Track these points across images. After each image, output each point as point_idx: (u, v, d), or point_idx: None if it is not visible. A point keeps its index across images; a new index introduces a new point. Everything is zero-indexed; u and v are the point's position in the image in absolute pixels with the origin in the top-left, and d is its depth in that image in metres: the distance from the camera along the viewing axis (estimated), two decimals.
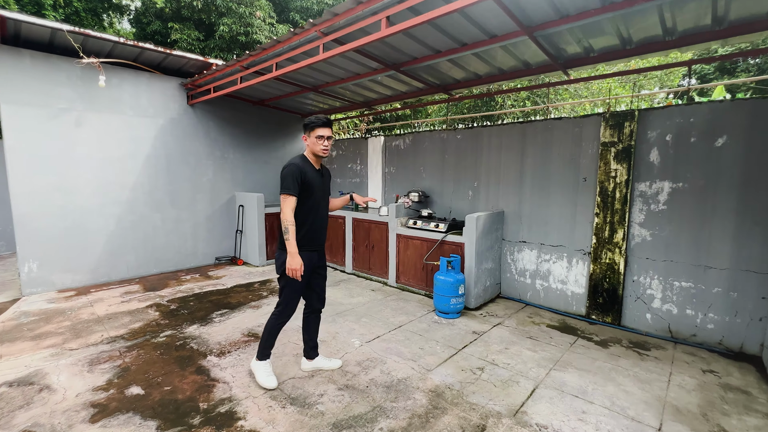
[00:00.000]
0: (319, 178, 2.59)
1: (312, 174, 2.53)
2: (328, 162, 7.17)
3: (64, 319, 3.78)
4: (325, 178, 2.69)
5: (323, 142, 2.51)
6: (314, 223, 2.59)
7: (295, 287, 2.58)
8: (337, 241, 5.93)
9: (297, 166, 2.48)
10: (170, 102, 5.59)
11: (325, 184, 2.68)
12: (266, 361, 2.71)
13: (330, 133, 2.55)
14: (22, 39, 4.39)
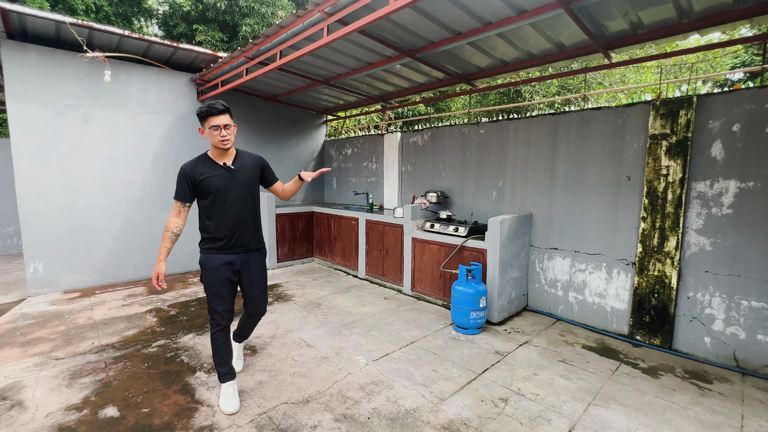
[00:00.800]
0: (224, 174, 2.27)
1: (211, 172, 2.26)
2: (344, 160, 6.85)
3: (59, 324, 3.61)
4: (238, 171, 2.32)
5: (220, 132, 2.21)
6: (222, 224, 2.29)
7: (212, 293, 2.31)
8: (349, 244, 5.58)
9: (186, 169, 2.27)
10: (180, 98, 5.41)
11: (237, 179, 2.30)
12: (227, 382, 2.41)
13: (227, 121, 2.22)
14: (29, 34, 4.30)
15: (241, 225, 2.34)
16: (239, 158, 2.38)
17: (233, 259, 2.33)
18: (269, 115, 6.44)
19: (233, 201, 2.30)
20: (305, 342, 3.30)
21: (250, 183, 2.38)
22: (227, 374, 2.41)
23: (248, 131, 6.19)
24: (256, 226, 2.45)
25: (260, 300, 2.53)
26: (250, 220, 2.39)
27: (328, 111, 7.02)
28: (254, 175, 2.41)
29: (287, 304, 4.27)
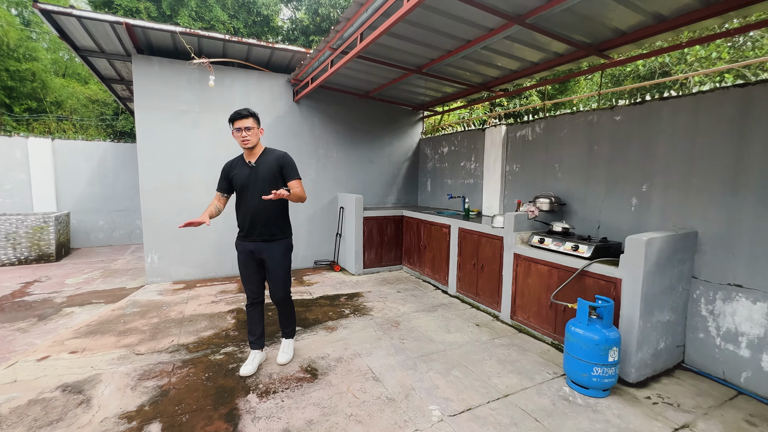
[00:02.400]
0: (247, 172, 2.65)
1: (239, 169, 2.67)
2: (439, 159, 6.20)
3: (155, 316, 3.82)
4: (259, 169, 2.64)
5: (241, 134, 2.58)
6: (243, 216, 2.69)
7: (241, 273, 2.80)
8: (440, 255, 4.92)
9: (226, 165, 2.76)
10: (277, 100, 5.49)
11: (257, 176, 2.63)
12: (253, 350, 2.86)
13: (249, 123, 2.58)
14: (154, 47, 4.76)
15: (259, 217, 2.65)
16: (262, 156, 2.70)
17: (253, 248, 2.71)
18: (363, 113, 6.18)
19: (252, 195, 2.63)
20: (372, 373, 2.79)
21: (269, 179, 2.63)
22: (253, 343, 2.85)
23: (342, 131, 6.02)
24: (275, 219, 2.70)
25: (276, 288, 2.79)
26: (269, 214, 2.66)
27: (424, 106, 6.46)
28: (272, 172, 2.65)
29: (363, 319, 3.84)
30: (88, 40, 4.53)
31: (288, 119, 5.59)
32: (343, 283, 5.10)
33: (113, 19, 3.92)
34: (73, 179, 7.35)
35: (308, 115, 5.73)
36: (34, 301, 4.32)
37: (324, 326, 3.64)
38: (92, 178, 7.52)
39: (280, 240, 2.74)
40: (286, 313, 2.93)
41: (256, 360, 2.81)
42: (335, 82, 5.30)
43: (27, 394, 2.44)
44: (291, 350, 3.01)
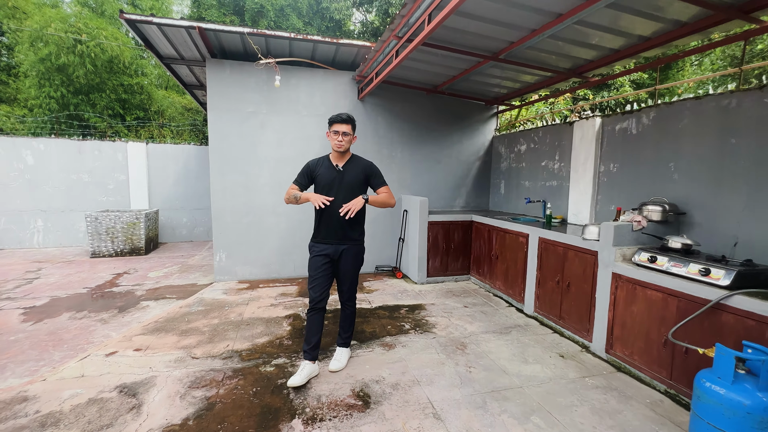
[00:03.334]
0: (333, 175, 2.68)
1: (324, 170, 2.70)
2: (516, 159, 5.54)
3: (216, 317, 3.84)
4: (345, 174, 2.69)
5: (338, 137, 2.62)
6: (323, 218, 2.70)
7: (310, 275, 2.75)
8: (514, 267, 4.31)
9: (311, 162, 2.78)
10: (341, 98, 5.33)
11: (342, 181, 2.67)
12: (305, 360, 2.70)
13: (345, 129, 2.62)
14: (226, 51, 4.88)
15: (339, 222, 2.65)
16: (350, 162, 2.74)
17: (328, 251, 2.71)
18: (430, 110, 5.76)
19: (334, 199, 2.62)
20: (433, 407, 2.38)
21: (353, 186, 2.68)
22: (307, 352, 2.71)
23: (407, 130, 5.67)
24: (353, 224, 2.71)
25: (346, 288, 2.83)
26: (347, 219, 2.61)
27: (499, 100, 5.84)
28: (358, 180, 2.70)
29: (425, 337, 3.44)
30: (168, 47, 4.78)
31: None
32: (404, 293, 4.74)
33: (187, 24, 4.03)
34: (162, 179, 8.05)
35: (372, 113, 5.48)
36: (120, 292, 4.66)
37: (381, 342, 3.31)
38: (178, 179, 8.17)
39: (355, 243, 2.77)
40: (348, 316, 2.92)
41: (305, 371, 2.63)
42: (401, 76, 4.97)
43: (89, 392, 2.47)
44: (344, 359, 2.89)
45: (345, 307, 2.91)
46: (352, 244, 2.76)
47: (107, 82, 12.37)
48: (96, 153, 7.53)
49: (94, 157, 7.52)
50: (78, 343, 3.21)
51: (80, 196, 7.50)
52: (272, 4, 15.86)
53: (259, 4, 15.74)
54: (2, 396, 2.41)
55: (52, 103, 11.54)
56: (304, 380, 2.58)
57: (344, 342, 2.95)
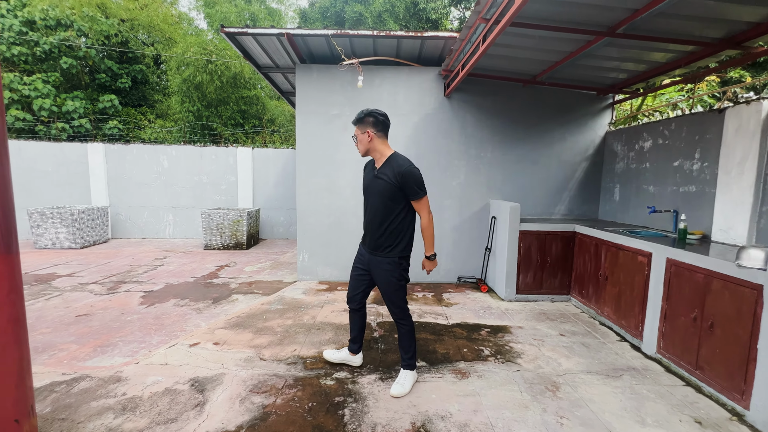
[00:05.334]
0: (370, 178, 2.53)
1: (367, 172, 2.59)
2: (636, 158, 4.53)
3: (291, 317, 3.88)
4: (380, 179, 2.43)
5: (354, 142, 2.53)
6: (364, 220, 2.62)
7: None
8: (630, 291, 3.46)
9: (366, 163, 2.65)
10: (425, 96, 5.02)
11: (376, 186, 2.44)
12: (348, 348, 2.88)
13: (354, 132, 2.51)
14: (314, 56, 4.99)
15: (369, 227, 2.55)
16: (385, 165, 2.44)
17: (363, 258, 2.64)
18: (526, 104, 5.08)
19: (367, 203, 2.56)
20: None
21: (382, 191, 2.42)
22: (350, 341, 2.86)
23: (498, 127, 5.09)
24: (382, 233, 2.47)
25: (388, 305, 2.61)
26: (376, 226, 2.48)
27: (615, 87, 4.85)
28: (388, 185, 2.39)
29: (506, 368, 2.92)
30: (264, 57, 5.09)
31: (437, 116, 5.05)
32: (488, 310, 4.22)
33: (277, 32, 4.19)
34: (264, 181, 8.79)
35: (459, 110, 5.05)
36: (218, 283, 5.11)
37: (454, 368, 2.91)
38: (277, 180, 8.83)
39: (385, 255, 2.49)
40: (404, 335, 2.63)
41: (340, 354, 2.90)
42: (491, 66, 4.45)
43: (167, 381, 2.63)
44: (407, 384, 2.58)
45: (398, 325, 2.64)
46: (383, 257, 2.48)
47: (231, 96, 14.17)
48: (213, 157, 8.58)
49: (211, 161, 8.58)
50: (173, 330, 3.53)
51: (200, 195, 8.63)
52: (370, 11, 16.32)
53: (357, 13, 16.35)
54: (103, 373, 2.71)
55: (190, 116, 13.67)
56: (335, 360, 2.89)
57: (407, 364, 2.64)
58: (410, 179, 2.34)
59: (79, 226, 7.12)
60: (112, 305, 4.17)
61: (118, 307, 4.10)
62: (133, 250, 7.19)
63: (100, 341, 3.28)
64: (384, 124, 2.44)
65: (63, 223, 6.98)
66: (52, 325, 3.61)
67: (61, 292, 4.57)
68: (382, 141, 2.45)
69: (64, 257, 6.45)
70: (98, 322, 3.68)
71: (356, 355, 2.89)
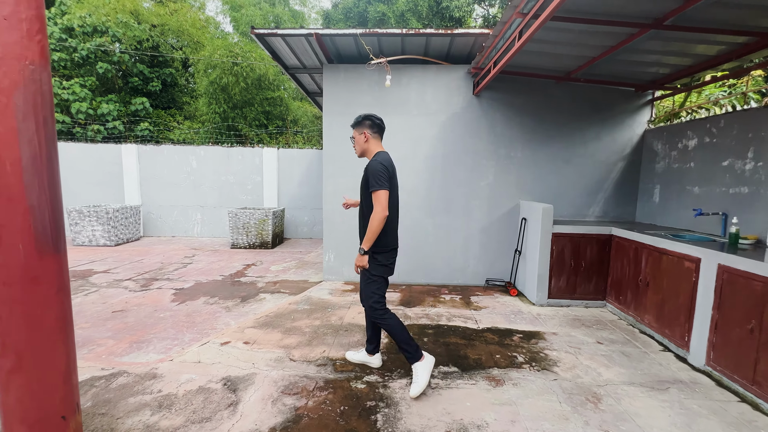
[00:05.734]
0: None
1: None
2: (679, 158, 4.29)
3: (318, 318, 3.87)
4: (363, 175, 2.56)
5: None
6: None
7: None
8: (674, 299, 3.27)
9: None
10: (454, 95, 4.93)
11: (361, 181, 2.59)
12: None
13: (353, 133, 2.66)
14: (342, 55, 4.98)
15: (359, 221, 2.67)
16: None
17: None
18: (559, 101, 4.91)
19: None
20: None
21: (362, 185, 2.58)
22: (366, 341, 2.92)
23: (529, 125, 4.94)
24: (363, 227, 2.58)
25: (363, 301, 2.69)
26: (360, 219, 2.63)
27: (656, 83, 4.62)
28: (364, 179, 2.53)
29: (543, 376, 2.81)
30: (292, 57, 5.11)
31: (466, 116, 4.94)
32: (518, 314, 4.08)
33: (306, 32, 4.19)
34: (289, 181, 8.88)
35: (489, 109, 4.93)
36: (245, 282, 5.17)
37: (487, 375, 2.82)
38: (302, 180, 8.90)
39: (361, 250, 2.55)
40: (391, 335, 2.60)
41: (359, 356, 2.93)
42: (524, 63, 4.31)
43: (200, 379, 2.66)
44: (420, 378, 2.52)
45: (380, 326, 2.67)
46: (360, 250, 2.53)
47: (255, 97, 14.42)
48: (239, 158, 8.73)
49: (237, 161, 8.73)
50: (204, 328, 3.58)
51: (227, 194, 8.80)
52: (393, 11, 16.28)
53: (381, 13, 16.34)
54: (140, 370, 2.76)
55: (216, 117, 14.00)
56: (355, 361, 2.92)
57: (412, 357, 2.58)
58: (370, 171, 2.44)
59: (113, 225, 7.39)
60: (145, 302, 4.28)
61: (151, 304, 4.21)
62: (163, 248, 7.40)
63: (135, 337, 3.36)
64: (380, 127, 2.62)
65: (99, 221, 7.26)
66: (91, 320, 3.73)
67: (98, 288, 4.73)
68: (376, 142, 2.61)
69: (100, 254, 6.70)
70: (133, 318, 3.78)
71: (374, 356, 2.87)
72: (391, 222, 2.56)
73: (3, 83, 1.29)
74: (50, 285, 1.44)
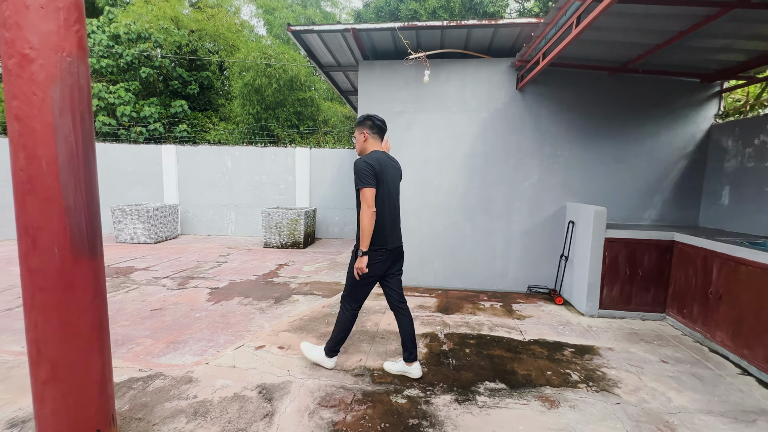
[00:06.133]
0: None
1: None
2: (754, 155, 3.83)
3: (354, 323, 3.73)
4: None
5: None
6: None
7: None
8: (756, 317, 2.87)
9: None
10: (495, 90, 4.65)
11: None
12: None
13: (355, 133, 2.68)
14: (377, 51, 4.83)
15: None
16: None
17: None
18: (612, 95, 4.52)
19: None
20: None
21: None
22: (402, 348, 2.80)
23: (577, 122, 4.59)
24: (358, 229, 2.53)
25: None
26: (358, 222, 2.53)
27: (726, 73, 4.15)
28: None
29: (603, 399, 2.52)
30: (327, 55, 5.02)
31: (508, 112, 4.66)
32: (567, 326, 3.77)
33: (342, 28, 4.07)
34: (320, 181, 8.85)
35: (533, 104, 4.62)
36: (278, 282, 5.13)
37: (539, 394, 2.57)
38: (333, 180, 8.85)
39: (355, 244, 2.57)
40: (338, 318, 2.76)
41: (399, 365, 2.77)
42: (576, 54, 3.99)
43: (236, 385, 2.57)
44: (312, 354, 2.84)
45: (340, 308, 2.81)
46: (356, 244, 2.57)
47: (287, 98, 14.60)
48: (272, 158, 8.80)
49: (270, 161, 8.80)
50: (238, 330, 3.53)
51: (260, 194, 8.89)
52: (425, 8, 16.02)
53: (412, 10, 16.11)
54: (176, 373, 2.72)
55: (250, 118, 14.29)
56: (395, 372, 2.76)
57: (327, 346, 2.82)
58: (354, 170, 2.43)
59: (153, 223, 7.61)
60: (182, 300, 4.31)
61: (187, 303, 4.22)
62: (199, 246, 7.55)
63: (172, 337, 3.35)
64: (380, 128, 2.60)
65: (140, 219, 7.50)
66: (131, 318, 3.77)
67: (138, 286, 4.83)
68: (374, 143, 2.60)
69: (140, 251, 6.91)
70: (170, 318, 3.79)
71: (412, 364, 2.70)
72: (380, 220, 2.48)
73: (39, 76, 1.21)
74: (86, 291, 1.36)
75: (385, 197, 2.51)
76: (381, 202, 2.48)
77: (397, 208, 2.67)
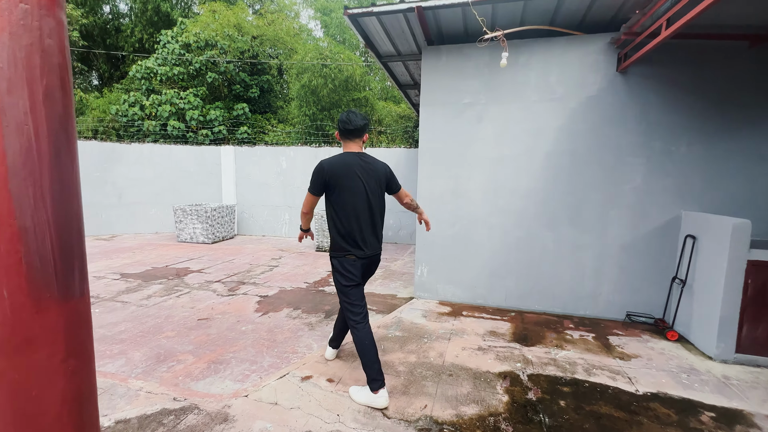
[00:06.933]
0: None
1: None
2: None
3: (413, 351, 3.17)
4: None
5: None
6: None
7: None
8: None
9: None
10: (588, 73, 3.83)
11: None
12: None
13: None
14: (444, 35, 4.23)
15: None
16: None
17: None
18: (749, 74, 3.49)
19: None
20: None
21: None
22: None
23: (698, 109, 3.62)
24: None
25: None
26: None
27: None
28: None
29: None
30: (386, 42, 4.52)
31: (605, 99, 3.81)
32: (692, 373, 2.88)
33: (405, 7, 3.53)
34: None
35: (639, 89, 3.72)
36: (329, 292, 4.74)
37: None
38: None
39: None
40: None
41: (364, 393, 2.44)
42: (709, 20, 3.07)
43: (276, 431, 2.14)
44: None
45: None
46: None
47: (342, 98, 14.45)
48: None
49: None
50: (284, 351, 3.14)
51: None
52: None
53: None
54: (212, 407, 2.35)
55: (306, 119, 14.35)
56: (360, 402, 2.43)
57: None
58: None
59: (211, 223, 7.68)
60: (230, 309, 4.06)
61: (235, 313, 3.96)
62: (253, 248, 7.47)
63: (215, 354, 3.04)
64: (343, 130, 2.47)
65: (199, 219, 7.60)
66: (177, 327, 3.56)
67: (190, 290, 4.70)
68: (345, 144, 2.54)
69: (197, 251, 6.95)
70: (215, 330, 3.52)
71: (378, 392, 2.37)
72: (346, 226, 2.40)
73: None
74: (54, 348, 0.94)
75: (351, 201, 2.39)
76: (343, 205, 2.39)
77: (374, 212, 2.52)
